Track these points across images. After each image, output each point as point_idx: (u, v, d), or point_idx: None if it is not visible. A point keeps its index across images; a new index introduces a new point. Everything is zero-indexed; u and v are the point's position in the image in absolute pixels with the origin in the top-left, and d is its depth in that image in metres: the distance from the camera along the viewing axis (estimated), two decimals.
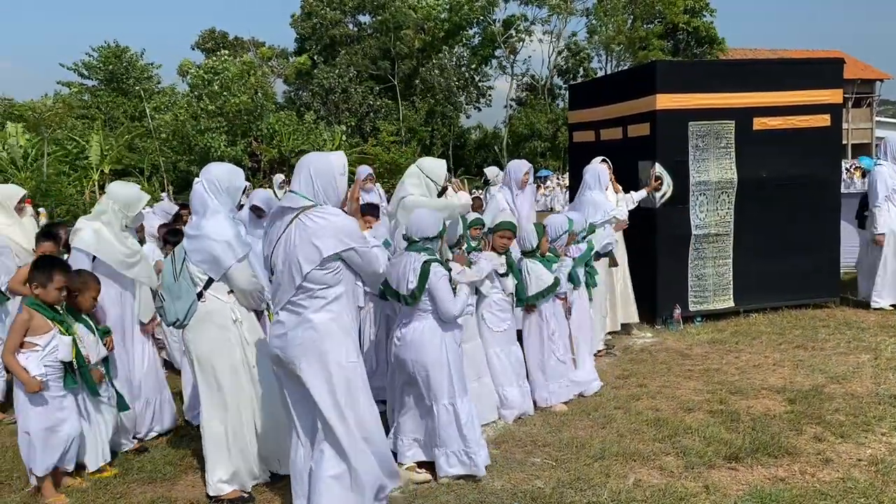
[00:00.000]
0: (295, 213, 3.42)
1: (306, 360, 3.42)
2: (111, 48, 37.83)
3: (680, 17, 39.64)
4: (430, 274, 4.22)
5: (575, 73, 44.30)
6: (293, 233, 3.41)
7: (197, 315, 4.01)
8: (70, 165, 28.18)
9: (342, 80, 37.82)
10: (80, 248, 4.72)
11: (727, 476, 4.23)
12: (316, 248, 3.35)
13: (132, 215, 4.92)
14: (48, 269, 4.21)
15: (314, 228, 3.37)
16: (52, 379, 4.14)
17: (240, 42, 43.71)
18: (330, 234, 3.36)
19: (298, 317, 3.44)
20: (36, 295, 4.16)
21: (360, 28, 42.41)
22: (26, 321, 4.11)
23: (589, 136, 9.15)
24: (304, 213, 3.41)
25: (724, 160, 8.02)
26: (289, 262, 3.40)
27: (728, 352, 6.93)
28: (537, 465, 4.49)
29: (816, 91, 8.27)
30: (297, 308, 3.45)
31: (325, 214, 3.40)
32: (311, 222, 3.38)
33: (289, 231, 3.42)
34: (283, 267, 3.44)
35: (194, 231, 4.04)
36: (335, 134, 32.16)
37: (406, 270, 4.28)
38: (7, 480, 4.50)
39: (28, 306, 4.16)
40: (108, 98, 36.44)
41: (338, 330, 3.45)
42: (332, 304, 3.44)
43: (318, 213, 3.41)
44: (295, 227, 3.40)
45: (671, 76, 8.03)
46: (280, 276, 3.47)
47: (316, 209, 3.42)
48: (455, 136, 42.50)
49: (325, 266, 3.38)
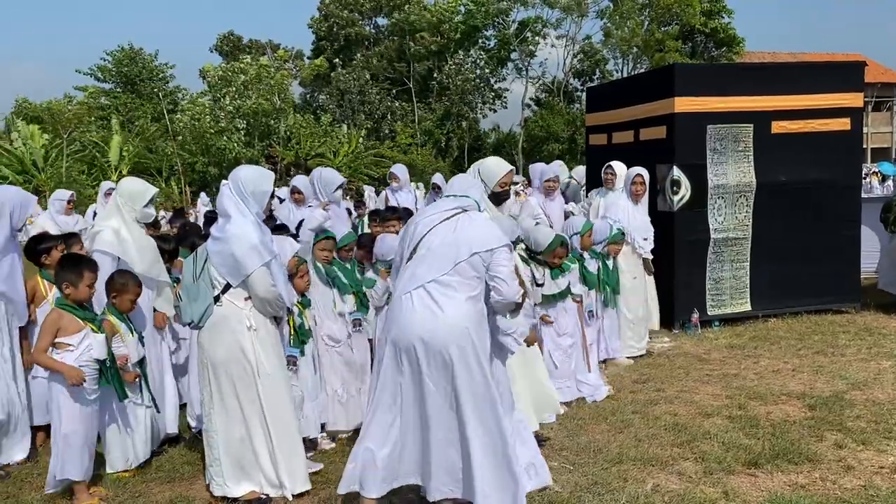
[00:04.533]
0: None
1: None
2: (124, 51, 38.13)
3: (697, 20, 39.43)
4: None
5: (591, 75, 44.18)
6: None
7: (212, 319, 3.99)
8: (89, 166, 28.46)
9: (359, 82, 37.92)
10: (104, 251, 4.72)
11: (746, 482, 4.19)
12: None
13: (139, 208, 4.92)
14: (77, 267, 4.18)
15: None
16: (87, 381, 4.09)
17: (257, 45, 43.95)
18: None
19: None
20: (67, 294, 4.13)
21: (376, 29, 42.55)
22: (56, 321, 4.08)
23: (603, 139, 9.13)
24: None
25: (743, 164, 7.97)
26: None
27: (747, 357, 6.88)
28: (554, 469, 4.46)
29: (836, 94, 8.21)
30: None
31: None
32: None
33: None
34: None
35: (219, 233, 4.01)
36: (352, 136, 32.24)
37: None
38: (28, 478, 4.53)
39: (57, 307, 4.14)
40: (125, 100, 36.74)
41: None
42: None
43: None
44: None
45: (689, 79, 7.99)
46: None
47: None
48: (472, 138, 42.49)
49: None
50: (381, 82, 39.73)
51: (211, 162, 28.31)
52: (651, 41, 39.52)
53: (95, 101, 36.80)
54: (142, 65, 38.47)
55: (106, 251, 4.71)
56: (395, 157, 31.63)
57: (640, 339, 7.03)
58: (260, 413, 4.02)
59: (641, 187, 7.40)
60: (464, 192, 3.87)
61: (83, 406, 4.09)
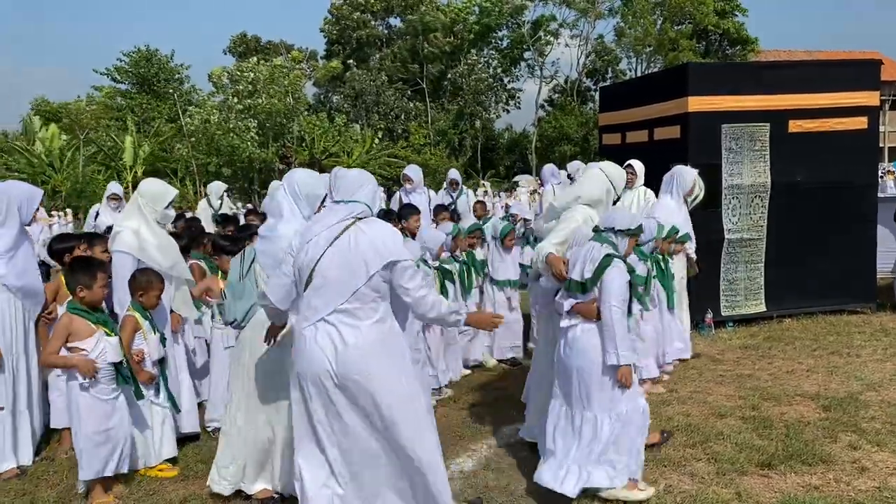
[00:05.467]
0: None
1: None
2: (141, 52, 38.41)
3: (710, 19, 39.22)
4: (609, 268, 3.97)
5: (604, 74, 44.05)
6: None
7: (256, 318, 3.94)
8: (105, 166, 28.68)
9: (375, 83, 37.99)
10: (123, 251, 4.75)
11: (760, 483, 4.17)
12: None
13: (159, 209, 4.96)
14: (90, 269, 4.20)
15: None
16: (104, 381, 4.11)
17: (271, 46, 44.13)
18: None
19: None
20: (81, 297, 4.14)
21: (389, 30, 42.62)
22: (67, 326, 4.09)
23: (617, 138, 9.10)
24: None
25: (758, 163, 7.93)
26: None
27: (761, 357, 6.84)
28: None
29: (853, 93, 8.15)
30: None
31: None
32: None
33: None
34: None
35: (268, 233, 3.98)
36: (366, 137, 32.31)
37: (585, 258, 4.07)
38: (44, 476, 4.58)
39: (69, 311, 4.15)
40: (141, 100, 37.01)
41: None
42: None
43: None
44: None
45: (703, 78, 7.95)
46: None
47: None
48: (485, 138, 42.46)
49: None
50: (395, 83, 39.77)
51: (223, 162, 28.40)
52: (664, 40, 39.33)
53: (112, 102, 37.09)
54: (158, 66, 38.75)
55: (125, 251, 4.75)
56: (409, 158, 31.64)
57: (686, 340, 6.78)
58: (287, 420, 3.91)
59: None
60: (351, 196, 3.49)
61: (101, 405, 4.10)
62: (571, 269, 4.15)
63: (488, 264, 7.02)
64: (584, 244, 4.19)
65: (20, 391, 4.67)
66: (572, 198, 4.68)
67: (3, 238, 4.61)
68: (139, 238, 4.82)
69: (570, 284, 4.11)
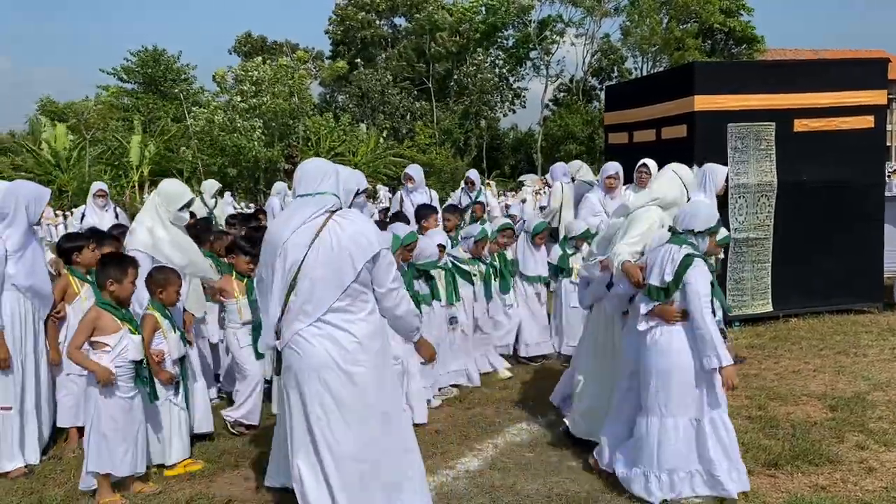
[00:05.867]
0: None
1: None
2: (148, 52, 38.52)
3: (716, 18, 39.11)
4: (691, 268, 3.87)
5: (609, 73, 43.97)
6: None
7: None
8: (111, 166, 28.74)
9: (381, 82, 38.01)
10: (138, 249, 4.76)
11: (766, 483, 4.16)
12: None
13: (172, 210, 4.96)
14: (122, 264, 4.21)
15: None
16: (123, 380, 4.11)
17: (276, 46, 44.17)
18: None
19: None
20: (111, 292, 4.15)
21: (394, 30, 42.61)
22: (94, 320, 4.09)
23: (623, 137, 9.09)
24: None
25: (764, 162, 7.91)
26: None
27: (767, 357, 6.82)
28: (573, 469, 4.47)
29: (860, 92, 8.13)
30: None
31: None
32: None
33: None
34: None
35: None
36: (371, 136, 32.32)
37: (663, 261, 3.98)
38: (52, 474, 4.59)
39: (98, 306, 4.15)
40: (148, 100, 37.09)
41: None
42: None
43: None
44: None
45: (709, 77, 7.94)
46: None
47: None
48: (490, 137, 42.44)
49: None
50: (401, 82, 39.78)
51: (228, 162, 28.43)
52: (670, 39, 39.25)
53: (118, 101, 37.19)
54: (165, 66, 38.84)
55: (140, 250, 4.76)
56: (415, 157, 31.64)
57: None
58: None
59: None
60: (316, 188, 3.40)
61: (118, 402, 4.10)
62: (649, 274, 4.05)
63: (518, 260, 7.01)
64: (659, 248, 4.09)
65: (28, 391, 4.67)
66: (648, 199, 4.62)
67: (12, 238, 4.61)
68: (153, 236, 4.83)
69: (650, 290, 4.00)
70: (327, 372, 3.32)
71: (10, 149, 31.76)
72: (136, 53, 38.42)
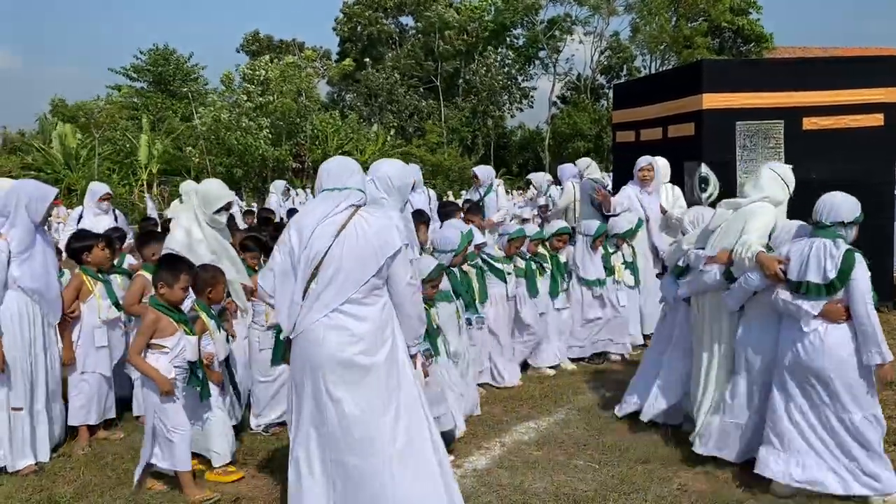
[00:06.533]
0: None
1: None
2: (159, 51, 38.65)
3: (725, 16, 38.97)
4: (856, 265, 3.84)
5: (618, 72, 43.88)
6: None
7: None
8: (119, 165, 28.87)
9: (388, 81, 38.03)
10: (174, 249, 4.74)
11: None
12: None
13: (208, 212, 4.89)
14: (174, 268, 4.18)
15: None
16: (180, 380, 4.13)
17: (283, 44, 44.25)
18: None
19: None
20: (161, 294, 4.14)
21: (401, 29, 42.63)
22: (155, 322, 4.08)
23: (631, 136, 9.07)
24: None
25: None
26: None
27: None
28: (580, 468, 4.47)
29: (869, 90, 8.08)
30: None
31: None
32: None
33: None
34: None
35: None
36: (379, 135, 32.35)
37: (820, 257, 3.91)
38: (61, 472, 4.60)
39: (153, 307, 4.14)
40: (157, 99, 37.22)
41: None
42: None
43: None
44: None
45: (718, 75, 7.92)
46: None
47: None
48: (497, 136, 42.41)
49: None
50: (409, 80, 39.79)
51: (235, 162, 28.48)
52: (679, 37, 39.12)
53: (128, 101, 37.32)
54: (175, 65, 38.96)
55: (175, 250, 4.73)
56: (423, 156, 31.65)
57: None
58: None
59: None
60: (343, 183, 3.45)
61: (177, 403, 4.11)
62: (798, 269, 3.98)
63: (577, 264, 6.83)
64: (800, 242, 4.06)
65: (38, 391, 4.67)
66: (757, 197, 4.60)
67: (16, 239, 4.56)
68: (190, 237, 4.83)
69: (808, 287, 3.92)
70: (338, 362, 3.33)
71: (19, 148, 31.91)
72: (147, 52, 38.57)
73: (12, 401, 4.55)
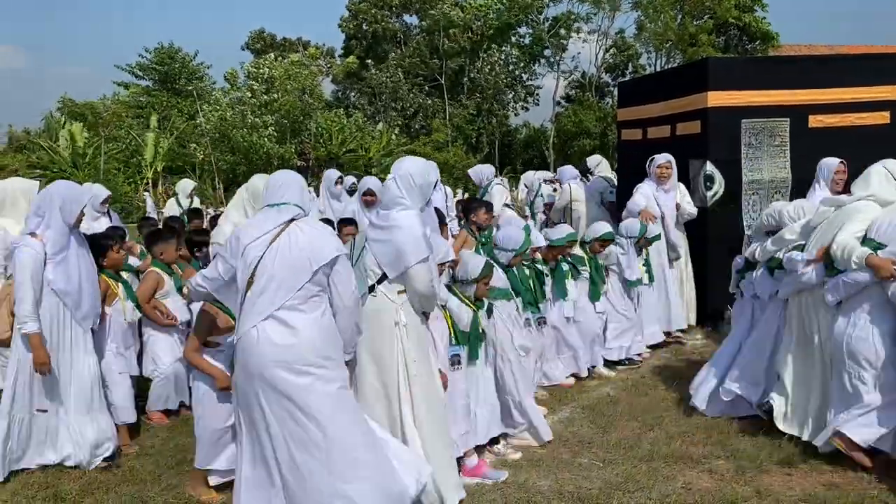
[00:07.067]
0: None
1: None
2: (165, 49, 38.70)
3: (730, 13, 38.84)
4: None
5: (623, 69, 43.79)
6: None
7: (363, 309, 3.79)
8: (125, 163, 28.92)
9: (392, 80, 38.03)
10: (221, 243, 4.67)
11: (780, 481, 4.15)
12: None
13: (258, 207, 4.66)
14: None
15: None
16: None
17: (288, 42, 44.28)
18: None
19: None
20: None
21: (406, 28, 42.61)
22: (211, 319, 4.06)
23: (637, 134, 9.05)
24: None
25: (779, 158, 7.86)
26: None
27: None
28: (584, 466, 4.47)
29: (875, 87, 8.03)
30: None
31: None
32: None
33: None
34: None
35: (383, 222, 3.88)
36: (383, 133, 32.35)
37: None
38: (67, 469, 4.61)
39: (210, 304, 4.08)
40: (162, 97, 37.28)
41: None
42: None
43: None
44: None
45: (723, 72, 7.88)
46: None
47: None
48: (502, 134, 42.38)
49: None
50: (413, 78, 39.78)
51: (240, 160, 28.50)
52: (684, 35, 39.02)
53: (135, 100, 37.39)
54: (181, 63, 39.01)
55: (222, 244, 4.68)
56: (429, 154, 31.62)
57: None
58: (400, 415, 3.84)
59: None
60: (280, 198, 3.54)
61: (224, 405, 4.08)
62: None
63: (622, 265, 6.72)
64: None
65: (65, 395, 4.56)
66: (864, 195, 4.57)
67: (50, 240, 4.48)
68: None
69: None
70: (272, 370, 3.34)
71: (25, 146, 31.97)
72: (153, 51, 38.62)
73: (36, 402, 4.51)
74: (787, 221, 5.06)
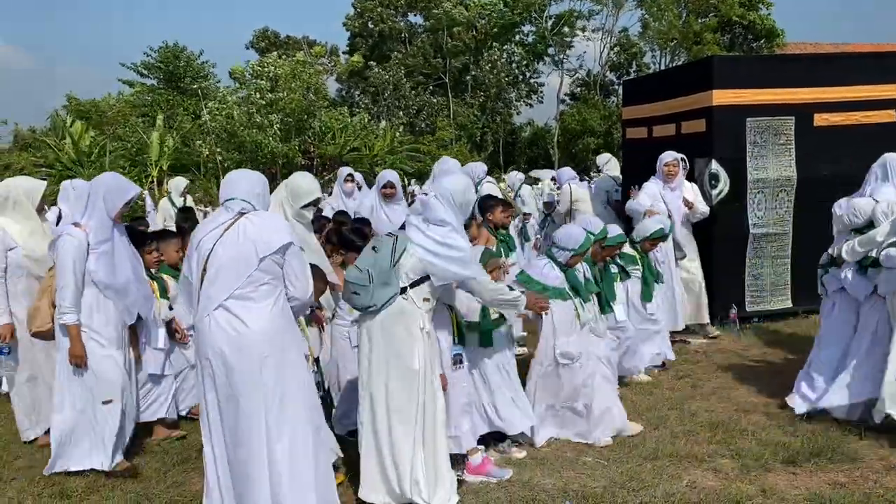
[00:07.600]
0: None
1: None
2: (170, 48, 38.75)
3: (735, 11, 38.73)
4: None
5: (627, 68, 43.71)
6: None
7: (390, 310, 3.83)
8: (131, 161, 28.95)
9: (395, 78, 38.03)
10: None
11: (784, 480, 4.14)
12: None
13: (296, 207, 4.61)
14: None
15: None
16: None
17: (292, 41, 44.29)
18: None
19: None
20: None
21: (410, 27, 42.60)
22: (324, 283, 4.11)
23: (642, 132, 9.04)
24: None
25: (784, 157, 7.84)
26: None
27: (786, 353, 6.77)
28: (589, 465, 4.47)
29: (880, 86, 8.02)
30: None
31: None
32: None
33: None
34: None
35: (434, 234, 3.89)
36: (388, 131, 32.34)
37: None
38: None
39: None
40: (168, 96, 37.33)
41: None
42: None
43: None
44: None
45: (728, 71, 7.87)
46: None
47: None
48: (506, 132, 42.35)
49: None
50: (417, 77, 39.77)
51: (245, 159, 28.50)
52: (689, 33, 38.93)
53: (140, 99, 37.45)
54: (185, 62, 39.05)
55: None
56: (434, 153, 31.56)
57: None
58: (415, 417, 3.85)
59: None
60: (231, 194, 3.69)
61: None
62: None
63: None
64: None
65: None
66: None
67: (93, 231, 4.45)
68: None
69: None
70: (220, 357, 3.49)
71: (31, 145, 32.04)
72: (158, 49, 38.67)
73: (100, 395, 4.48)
74: (882, 218, 5.00)
